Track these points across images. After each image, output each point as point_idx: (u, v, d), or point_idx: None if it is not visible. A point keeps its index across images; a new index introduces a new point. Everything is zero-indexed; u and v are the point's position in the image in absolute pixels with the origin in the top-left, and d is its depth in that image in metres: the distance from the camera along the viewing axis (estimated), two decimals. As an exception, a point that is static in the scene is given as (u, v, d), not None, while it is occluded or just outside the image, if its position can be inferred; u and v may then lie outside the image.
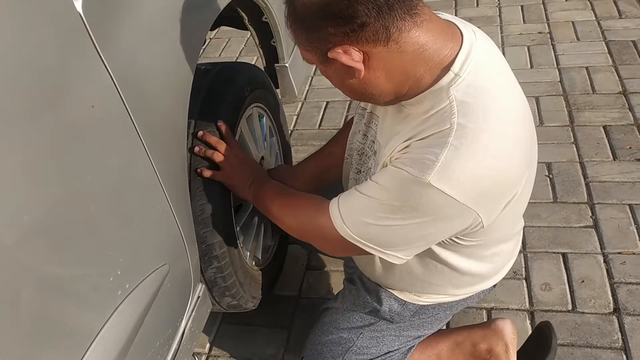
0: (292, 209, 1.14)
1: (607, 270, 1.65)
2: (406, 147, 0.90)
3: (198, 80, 1.19)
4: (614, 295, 1.58)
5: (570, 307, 1.58)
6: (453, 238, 1.00)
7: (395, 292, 1.19)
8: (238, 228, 1.35)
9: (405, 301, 1.19)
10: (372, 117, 1.09)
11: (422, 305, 1.20)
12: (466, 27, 0.92)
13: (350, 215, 0.96)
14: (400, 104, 0.95)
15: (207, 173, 1.18)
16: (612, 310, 1.55)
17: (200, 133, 1.18)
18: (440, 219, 0.89)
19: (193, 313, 1.22)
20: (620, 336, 1.48)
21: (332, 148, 1.35)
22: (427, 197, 0.85)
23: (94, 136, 0.83)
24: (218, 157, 1.19)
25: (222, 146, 1.19)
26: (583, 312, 1.56)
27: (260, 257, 1.50)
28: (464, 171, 0.83)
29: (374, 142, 1.07)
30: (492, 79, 0.90)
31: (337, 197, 1.01)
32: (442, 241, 1.01)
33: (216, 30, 3.17)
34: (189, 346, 1.23)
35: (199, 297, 1.25)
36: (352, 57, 0.84)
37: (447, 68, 0.86)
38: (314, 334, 1.29)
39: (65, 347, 0.83)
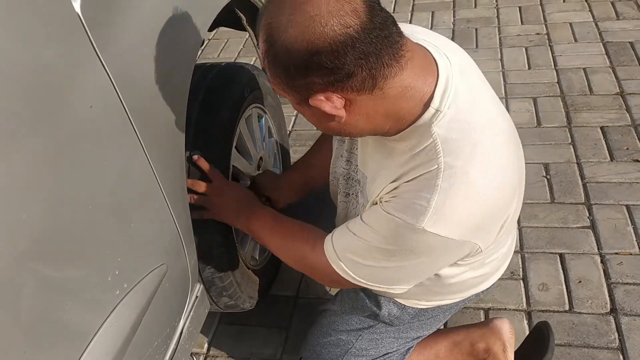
0: (287, 242, 1.14)
1: (604, 271, 1.66)
2: (395, 188, 0.89)
3: (197, 80, 1.19)
4: (611, 295, 1.59)
5: (567, 307, 1.58)
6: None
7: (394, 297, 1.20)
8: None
9: (405, 305, 1.19)
10: (354, 142, 1.08)
11: (421, 308, 1.20)
12: (440, 54, 0.89)
13: (347, 256, 0.97)
14: (383, 138, 0.93)
15: (196, 215, 1.17)
16: (609, 310, 1.56)
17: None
18: (438, 256, 0.91)
19: (191, 313, 1.22)
20: (617, 336, 1.49)
21: (312, 160, 1.36)
22: (423, 241, 0.85)
23: (92, 136, 0.84)
24: (199, 200, 1.18)
25: (201, 187, 1.17)
26: (580, 313, 1.56)
27: (257, 257, 1.50)
28: (457, 212, 0.83)
29: (357, 166, 1.06)
30: (473, 107, 0.87)
31: (331, 234, 1.01)
32: None
33: (215, 30, 3.18)
34: (187, 346, 1.23)
35: (197, 297, 1.25)
36: (334, 104, 0.81)
37: (427, 104, 0.84)
38: (313, 335, 1.30)
39: (63, 346, 0.83)
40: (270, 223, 1.18)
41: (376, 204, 0.93)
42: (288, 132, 2.36)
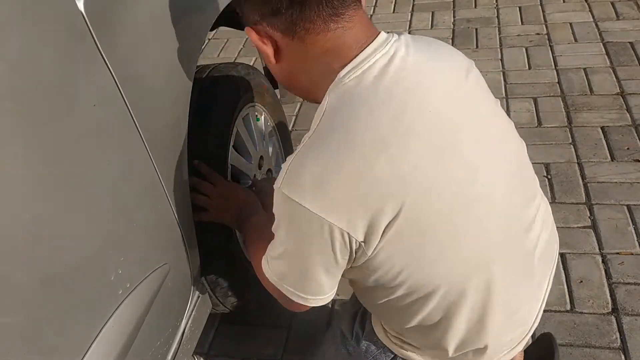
0: (256, 245, 1.05)
1: (605, 271, 1.66)
2: None
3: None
4: (612, 295, 1.59)
5: (568, 307, 1.58)
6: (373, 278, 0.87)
7: (376, 331, 1.08)
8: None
9: (384, 345, 1.06)
10: None
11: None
12: (388, 40, 0.84)
13: (268, 253, 0.90)
14: None
15: (196, 216, 1.17)
16: (610, 310, 1.56)
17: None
18: (305, 235, 0.81)
19: (193, 313, 1.22)
20: (618, 336, 1.49)
21: None
22: (285, 206, 0.80)
23: (95, 135, 0.84)
24: (201, 201, 1.18)
25: (202, 187, 1.18)
26: (581, 312, 1.56)
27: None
28: (309, 176, 0.78)
29: None
30: (381, 89, 0.80)
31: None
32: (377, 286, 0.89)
33: (215, 30, 3.17)
34: (188, 346, 1.23)
35: (199, 297, 1.25)
36: (262, 38, 0.84)
37: (334, 75, 0.83)
38: None
39: (66, 346, 0.83)
40: (255, 229, 1.12)
41: None
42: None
